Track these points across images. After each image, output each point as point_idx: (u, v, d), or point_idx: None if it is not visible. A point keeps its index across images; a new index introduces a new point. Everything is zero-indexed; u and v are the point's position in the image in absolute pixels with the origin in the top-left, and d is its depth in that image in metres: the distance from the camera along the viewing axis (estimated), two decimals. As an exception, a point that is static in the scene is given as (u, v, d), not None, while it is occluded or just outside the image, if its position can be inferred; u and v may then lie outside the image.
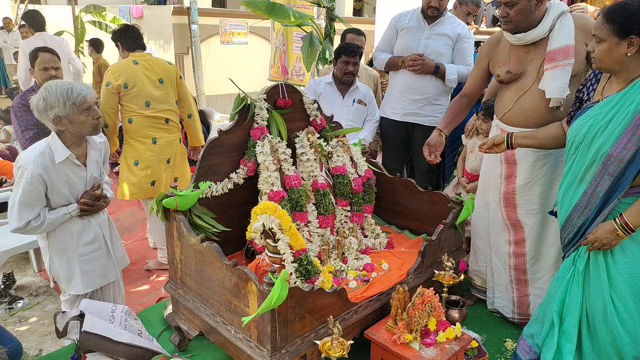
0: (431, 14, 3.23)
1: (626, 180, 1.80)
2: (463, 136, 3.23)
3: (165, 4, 9.66)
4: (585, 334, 1.98)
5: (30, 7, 12.10)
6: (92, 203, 2.21)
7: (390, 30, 3.45)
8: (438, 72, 3.25)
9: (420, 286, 2.13)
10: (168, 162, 3.29)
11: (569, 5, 3.78)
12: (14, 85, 8.47)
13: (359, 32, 3.89)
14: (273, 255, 2.01)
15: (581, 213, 1.93)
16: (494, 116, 2.58)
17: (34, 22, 5.39)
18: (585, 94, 2.02)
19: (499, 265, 2.64)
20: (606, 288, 1.91)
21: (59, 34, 8.26)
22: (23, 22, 7.50)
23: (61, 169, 2.08)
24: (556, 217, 2.17)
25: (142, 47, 3.35)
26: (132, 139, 3.20)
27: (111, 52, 7.21)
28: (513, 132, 2.26)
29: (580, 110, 1.98)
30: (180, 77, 3.44)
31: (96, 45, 6.91)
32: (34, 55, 2.81)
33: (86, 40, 7.78)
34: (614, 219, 1.85)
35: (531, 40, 2.33)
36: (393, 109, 3.47)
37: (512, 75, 2.39)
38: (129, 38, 3.30)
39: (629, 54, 1.77)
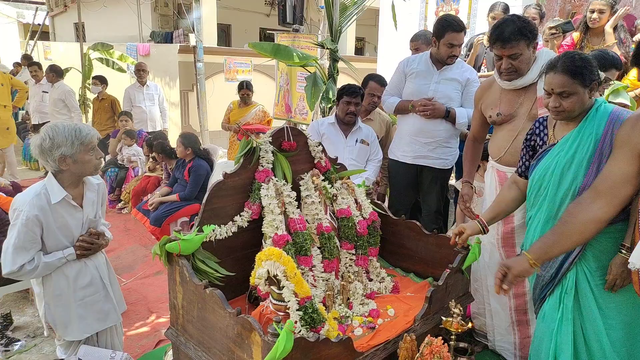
0: (450, 62, 3.26)
1: None
2: (456, 182, 3.23)
3: (172, 42, 9.89)
4: None
5: (40, 43, 12.43)
6: (92, 241, 2.19)
7: (399, 75, 3.48)
8: (449, 116, 3.27)
9: (429, 335, 2.08)
10: None
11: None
12: (20, 120, 8.57)
13: (382, 83, 3.81)
14: (277, 302, 1.97)
15: None
16: (489, 158, 2.64)
17: (57, 71, 6.71)
18: (539, 140, 2.15)
19: (498, 308, 2.61)
20: (599, 319, 1.93)
21: (67, 70, 8.43)
22: (31, 62, 7.70)
23: (57, 210, 2.07)
24: None
25: None
26: None
27: (118, 89, 7.34)
28: (479, 216, 2.34)
29: (539, 155, 2.11)
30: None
31: (104, 82, 7.05)
32: None
33: (92, 77, 7.93)
34: (620, 251, 1.88)
35: (520, 85, 2.46)
36: (403, 152, 3.47)
37: (503, 117, 2.52)
38: None
39: (590, 97, 1.95)
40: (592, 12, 3.79)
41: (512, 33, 2.30)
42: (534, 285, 2.17)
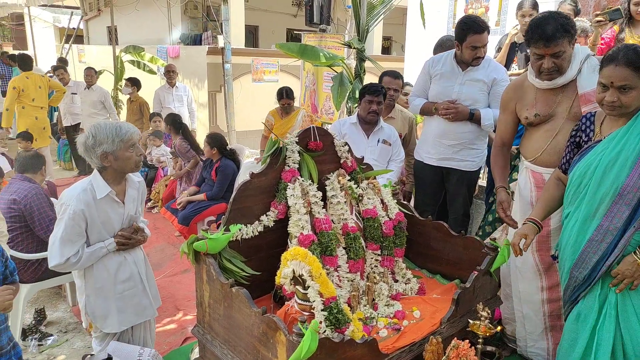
0: (476, 64, 3.17)
1: None
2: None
3: (201, 44, 10.03)
4: None
5: (74, 47, 12.81)
6: (130, 236, 2.27)
7: (424, 76, 3.42)
8: (473, 118, 3.20)
9: (455, 338, 2.04)
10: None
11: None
12: (55, 121, 8.85)
13: (396, 76, 3.87)
14: (302, 302, 1.97)
15: (597, 247, 1.93)
16: (522, 159, 2.55)
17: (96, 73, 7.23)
18: (584, 136, 2.09)
19: (530, 314, 2.53)
20: (635, 321, 1.91)
21: (100, 72, 8.66)
22: (59, 64, 7.91)
23: (101, 205, 2.17)
24: (556, 261, 2.23)
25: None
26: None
27: (148, 91, 7.49)
28: (531, 217, 2.22)
29: (582, 151, 2.05)
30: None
31: (137, 84, 7.20)
32: None
33: (124, 79, 8.12)
34: (635, 252, 1.86)
35: (561, 84, 2.35)
36: (428, 153, 3.41)
37: (540, 117, 2.41)
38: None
39: None
40: (637, 4, 3.64)
41: (555, 30, 2.19)
42: (565, 287, 2.11)
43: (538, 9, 4.04)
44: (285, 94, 5.28)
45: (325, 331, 1.91)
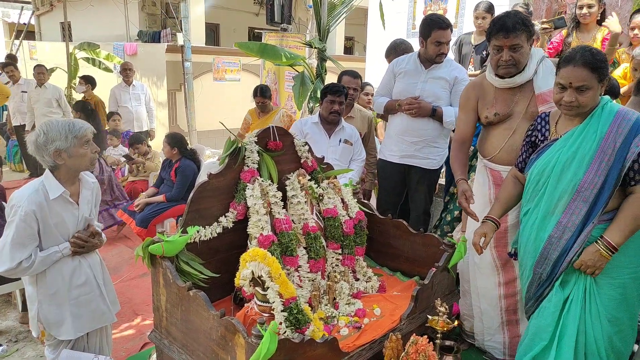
0: (439, 60, 3.24)
1: (600, 204, 1.92)
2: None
3: (160, 41, 9.80)
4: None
5: (25, 43, 12.26)
6: (86, 239, 2.19)
7: (389, 75, 3.47)
8: (435, 114, 3.25)
9: (414, 334, 2.07)
10: None
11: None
12: (4, 121, 8.44)
13: (355, 75, 3.93)
14: (262, 303, 1.95)
15: (557, 244, 2.00)
16: (479, 157, 2.61)
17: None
18: (539, 135, 2.15)
19: (488, 309, 2.60)
20: (603, 314, 1.97)
21: (53, 70, 8.32)
22: (8, 61, 7.55)
23: (54, 207, 2.08)
24: (515, 258, 2.30)
25: None
26: None
27: (104, 90, 7.26)
28: (489, 216, 2.28)
29: (539, 150, 2.11)
30: None
31: (91, 82, 6.95)
32: None
33: (78, 77, 7.83)
34: (597, 241, 1.93)
35: (519, 83, 2.44)
36: (391, 151, 3.46)
37: (500, 117, 2.48)
38: None
39: (600, 94, 1.95)
40: (581, 7, 3.78)
41: (515, 23, 2.29)
42: (529, 283, 2.15)
43: (494, 12, 4.16)
44: (259, 92, 5.06)
45: (285, 332, 1.90)
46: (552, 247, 2.01)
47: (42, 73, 6.63)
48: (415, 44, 3.55)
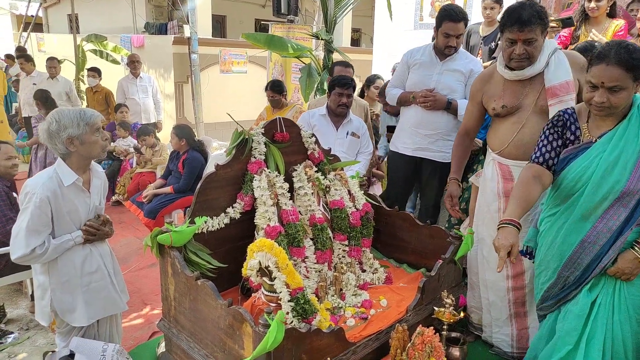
0: (448, 52, 3.17)
1: None
2: (472, 177, 3.06)
3: (167, 33, 9.81)
4: None
5: (33, 35, 12.31)
6: (98, 227, 2.21)
7: (402, 66, 3.40)
8: (450, 107, 3.20)
9: (420, 325, 2.08)
10: None
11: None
12: (14, 113, 8.50)
13: (346, 65, 3.95)
14: (269, 293, 1.97)
15: (589, 249, 1.90)
16: (489, 151, 2.58)
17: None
18: (569, 134, 1.99)
19: (496, 302, 2.60)
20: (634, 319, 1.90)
21: (61, 62, 8.34)
22: (19, 54, 7.58)
23: (67, 194, 2.10)
24: (527, 257, 2.21)
25: None
26: None
27: (111, 81, 7.29)
28: (512, 220, 1.96)
29: (571, 150, 1.96)
30: None
31: (98, 73, 6.98)
32: None
33: (86, 69, 7.86)
34: (633, 247, 1.84)
35: (529, 75, 2.37)
36: (404, 144, 3.40)
37: (507, 109, 2.43)
38: None
39: (635, 93, 1.82)
40: (590, 1, 3.72)
41: (531, 16, 2.21)
42: (550, 284, 2.06)
43: (502, 2, 4.12)
44: (269, 86, 4.86)
45: (292, 322, 1.92)
46: (584, 252, 1.92)
47: (54, 67, 6.66)
48: (422, 36, 3.51)
